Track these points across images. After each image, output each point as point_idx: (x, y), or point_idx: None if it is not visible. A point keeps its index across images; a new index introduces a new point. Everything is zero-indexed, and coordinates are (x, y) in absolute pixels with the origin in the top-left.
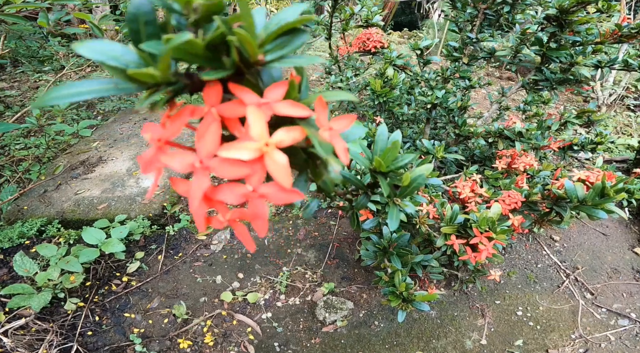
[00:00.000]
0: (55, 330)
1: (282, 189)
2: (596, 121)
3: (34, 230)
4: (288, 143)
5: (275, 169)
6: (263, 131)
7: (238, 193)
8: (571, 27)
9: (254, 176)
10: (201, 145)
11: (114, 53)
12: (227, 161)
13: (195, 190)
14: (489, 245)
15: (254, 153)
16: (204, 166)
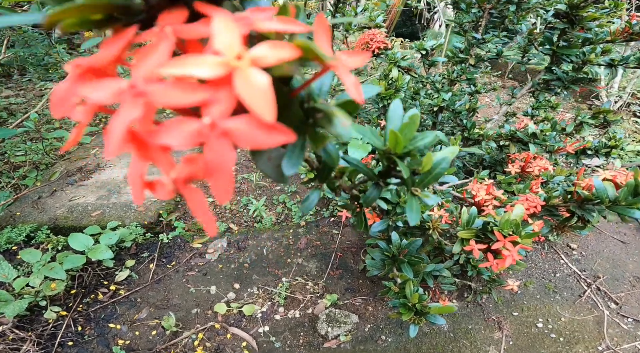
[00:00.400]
0: (33, 339)
1: (260, 125)
2: (612, 121)
3: (23, 236)
4: (271, 62)
5: (249, 92)
6: (234, 41)
7: (189, 131)
8: (582, 24)
9: (215, 104)
10: (140, 65)
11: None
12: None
13: (115, 127)
14: (513, 250)
15: (219, 69)
16: (137, 92)
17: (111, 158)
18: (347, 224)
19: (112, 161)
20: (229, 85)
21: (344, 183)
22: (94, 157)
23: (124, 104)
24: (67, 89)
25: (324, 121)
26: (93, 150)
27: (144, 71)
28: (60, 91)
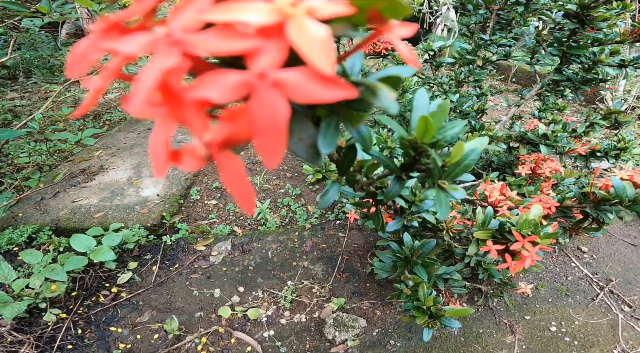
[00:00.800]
0: (32, 342)
1: (315, 77)
2: (624, 122)
3: (24, 237)
4: (325, 15)
5: (306, 42)
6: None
7: (233, 82)
8: (592, 24)
9: (266, 53)
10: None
11: None
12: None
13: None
14: (533, 251)
15: (272, 16)
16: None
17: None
18: (354, 227)
19: (115, 163)
20: (280, 34)
21: (361, 179)
22: (98, 159)
23: (157, 54)
24: (90, 44)
25: (367, 94)
26: (97, 152)
27: (183, 19)
28: (81, 47)
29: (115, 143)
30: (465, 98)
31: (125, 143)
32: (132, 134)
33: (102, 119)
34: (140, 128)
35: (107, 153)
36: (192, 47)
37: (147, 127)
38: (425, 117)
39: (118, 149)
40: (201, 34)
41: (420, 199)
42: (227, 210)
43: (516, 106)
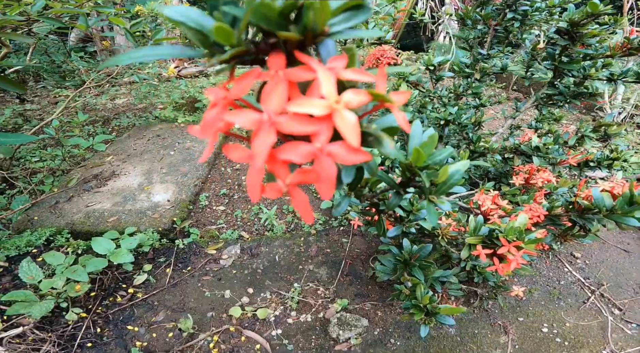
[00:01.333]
0: (54, 340)
1: (350, 149)
2: (613, 134)
3: (42, 239)
4: (355, 105)
5: (345, 127)
6: (333, 89)
7: (304, 152)
8: (582, 40)
9: (322, 133)
10: (268, 102)
11: (194, 16)
12: (295, 117)
13: (260, 146)
14: (518, 255)
15: (325, 109)
16: (271, 122)
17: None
18: (357, 233)
19: (126, 169)
20: (329, 120)
21: (366, 193)
22: (109, 165)
23: (262, 131)
24: (217, 115)
25: (376, 142)
26: (108, 158)
27: (273, 106)
28: (210, 115)
29: (125, 149)
30: (464, 110)
31: (135, 149)
32: (142, 141)
33: (111, 125)
34: (149, 135)
35: (117, 159)
36: (281, 127)
37: (155, 134)
38: (418, 149)
39: (128, 155)
40: (284, 118)
41: (417, 209)
42: (234, 216)
43: (512, 118)
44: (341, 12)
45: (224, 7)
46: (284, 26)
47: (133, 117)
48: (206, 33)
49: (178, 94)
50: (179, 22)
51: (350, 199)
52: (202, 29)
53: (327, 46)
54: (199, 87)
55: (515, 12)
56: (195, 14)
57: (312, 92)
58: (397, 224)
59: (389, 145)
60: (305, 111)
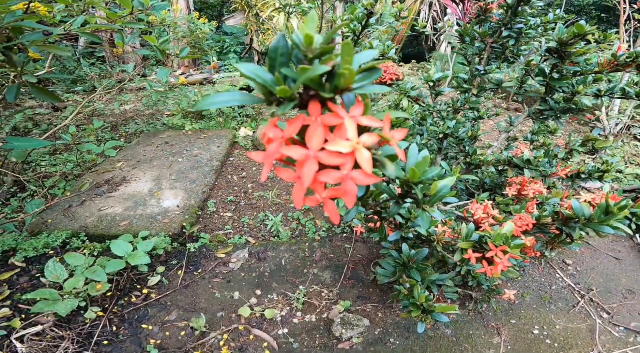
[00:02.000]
0: (72, 337)
1: (365, 174)
2: (600, 148)
3: (59, 241)
4: (369, 144)
5: (362, 160)
6: (355, 133)
7: (335, 176)
8: (570, 58)
9: (347, 164)
10: (311, 142)
11: (259, 73)
12: (330, 152)
13: (307, 172)
14: (504, 258)
15: (349, 148)
16: (314, 156)
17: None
18: (359, 239)
19: (137, 175)
20: (352, 155)
21: (370, 202)
22: (120, 170)
23: (308, 161)
24: (276, 149)
25: (380, 166)
26: (119, 164)
27: (315, 145)
28: (272, 149)
29: (135, 155)
30: (461, 124)
31: (145, 155)
32: (151, 148)
33: (119, 130)
34: (157, 142)
35: (128, 165)
36: (321, 160)
37: (163, 140)
38: (413, 169)
39: (138, 162)
40: (323, 153)
41: (414, 217)
42: (241, 222)
43: (506, 132)
44: (361, 72)
45: (282, 70)
46: (322, 85)
47: (141, 123)
48: (269, 87)
49: (186, 102)
50: (249, 78)
51: (358, 207)
52: (265, 84)
53: (349, 97)
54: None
55: (511, 30)
56: (260, 71)
57: (340, 133)
58: (397, 230)
59: (390, 168)
60: (336, 149)
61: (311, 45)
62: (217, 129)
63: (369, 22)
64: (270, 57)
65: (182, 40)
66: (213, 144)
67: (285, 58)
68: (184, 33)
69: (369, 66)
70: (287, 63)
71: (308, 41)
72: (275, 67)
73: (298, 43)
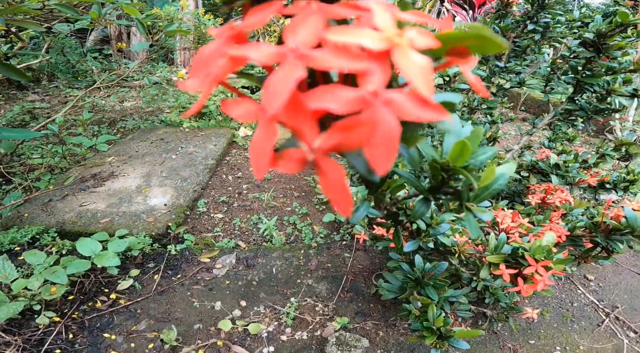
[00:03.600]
0: (19, 344)
1: (420, 100)
2: (635, 153)
3: (28, 237)
4: (422, 46)
5: (412, 69)
6: (390, 21)
7: (349, 97)
8: (607, 53)
9: (375, 74)
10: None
11: None
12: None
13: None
14: (546, 275)
15: (382, 43)
16: (300, 54)
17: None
18: (360, 248)
19: (126, 171)
20: (386, 59)
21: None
22: (109, 165)
23: (284, 66)
24: (217, 49)
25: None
26: (109, 158)
27: (303, 36)
28: (207, 50)
29: (127, 150)
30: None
31: (137, 151)
32: (145, 144)
33: (116, 126)
34: (152, 138)
35: (118, 160)
36: (314, 62)
37: (159, 137)
38: (463, 142)
39: (130, 157)
40: (321, 51)
41: (437, 223)
42: (232, 224)
43: (527, 135)
44: None
45: None
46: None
47: (139, 119)
48: None
49: (185, 98)
50: None
51: (370, 205)
52: None
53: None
54: None
55: (537, 24)
56: None
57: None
58: (413, 238)
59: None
60: (353, 41)
61: None
62: (216, 128)
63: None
64: None
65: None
66: (210, 142)
67: None
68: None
69: None
70: None
71: None
72: None
73: None
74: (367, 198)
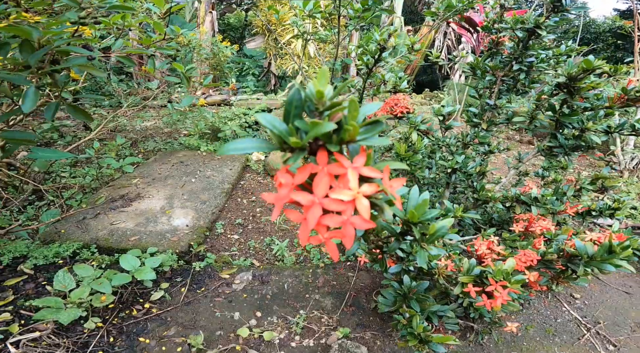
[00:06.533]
0: (68, 345)
1: (363, 220)
2: (610, 186)
3: (69, 252)
4: (369, 193)
5: (361, 207)
6: (356, 184)
7: (337, 220)
8: (580, 94)
9: (348, 210)
10: (317, 189)
11: (275, 124)
12: (333, 200)
13: (312, 216)
14: (503, 293)
15: (350, 197)
16: (319, 202)
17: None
18: (362, 268)
19: (151, 193)
20: (353, 203)
21: (373, 237)
22: (135, 187)
23: (313, 207)
24: (287, 194)
25: (380, 211)
26: (135, 180)
27: (320, 192)
28: (282, 194)
29: (151, 172)
30: (470, 158)
31: (160, 173)
32: (166, 166)
33: (138, 147)
34: (173, 160)
35: (143, 182)
36: (325, 206)
37: (179, 160)
38: (412, 211)
39: (153, 179)
40: (327, 200)
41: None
42: (247, 245)
43: (515, 169)
44: (364, 126)
45: (296, 122)
46: (330, 137)
47: (160, 141)
48: (283, 137)
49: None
50: (266, 126)
51: (360, 242)
52: (280, 134)
53: (354, 147)
54: (223, 117)
55: (522, 64)
56: (277, 122)
57: (344, 182)
58: (398, 262)
59: (388, 213)
60: (339, 197)
61: (322, 99)
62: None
63: (382, 56)
64: (286, 109)
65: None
66: (226, 166)
67: (299, 110)
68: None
69: (372, 120)
70: (300, 115)
71: (319, 96)
72: (289, 118)
73: (311, 97)
74: (359, 238)
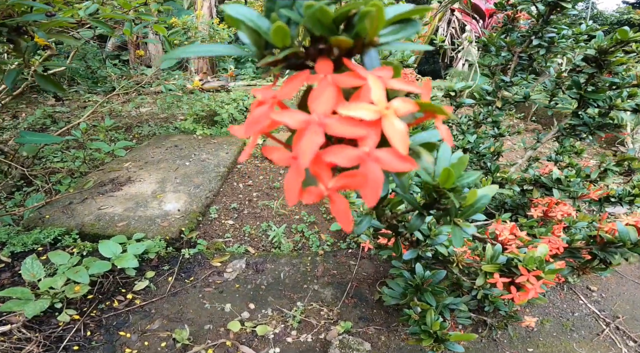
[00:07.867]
0: (39, 340)
1: (398, 156)
2: (637, 169)
3: (50, 238)
4: (404, 112)
5: (393, 134)
6: (383, 96)
7: (351, 155)
8: (609, 68)
9: (370, 138)
10: (317, 104)
11: (251, 17)
12: (344, 119)
13: (307, 146)
14: (537, 284)
15: (375, 114)
16: (320, 123)
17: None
18: (365, 256)
19: (142, 176)
20: (378, 125)
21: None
22: (126, 170)
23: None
24: (264, 113)
25: (414, 157)
26: (126, 164)
27: (322, 108)
28: (258, 113)
29: (143, 156)
30: (483, 139)
31: (153, 157)
32: (160, 150)
33: (133, 132)
34: (167, 144)
35: (135, 166)
36: (330, 129)
37: (174, 144)
38: (448, 169)
39: (146, 163)
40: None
41: (435, 234)
42: (242, 231)
43: (532, 149)
44: (392, 23)
45: (281, 10)
46: (335, 33)
47: (155, 126)
48: (261, 33)
49: (199, 106)
50: (238, 20)
51: (372, 218)
52: (258, 29)
53: (372, 56)
54: (219, 101)
55: (542, 39)
56: (253, 14)
57: (361, 97)
58: (413, 248)
59: (426, 160)
60: (355, 114)
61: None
62: (228, 136)
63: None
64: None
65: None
66: (222, 150)
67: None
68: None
69: (404, 14)
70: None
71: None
72: (273, 8)
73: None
74: (370, 211)
